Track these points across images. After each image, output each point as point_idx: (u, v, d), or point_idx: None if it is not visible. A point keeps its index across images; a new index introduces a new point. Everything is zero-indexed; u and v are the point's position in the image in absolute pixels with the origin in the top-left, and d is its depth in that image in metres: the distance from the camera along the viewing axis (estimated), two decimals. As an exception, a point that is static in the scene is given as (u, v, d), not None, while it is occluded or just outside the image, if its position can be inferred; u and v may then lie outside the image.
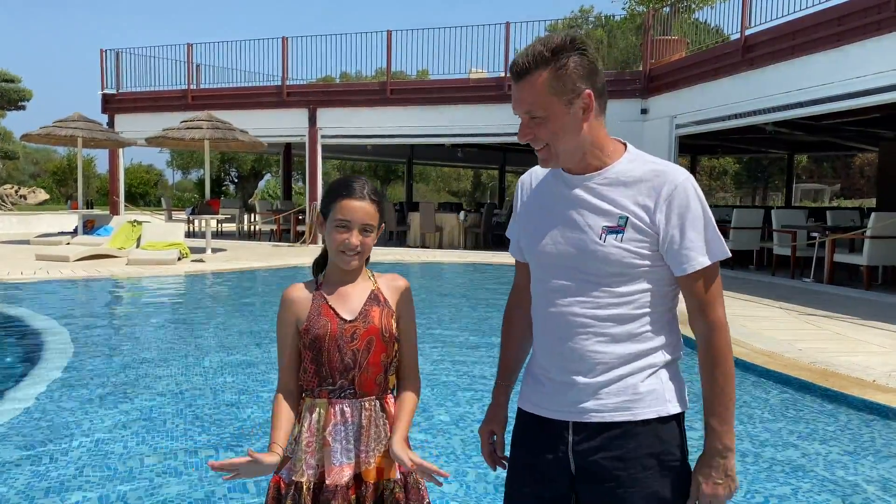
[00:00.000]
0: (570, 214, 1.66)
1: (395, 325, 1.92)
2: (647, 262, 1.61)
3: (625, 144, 1.70)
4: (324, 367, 1.87)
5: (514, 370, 1.92)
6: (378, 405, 1.90)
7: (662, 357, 1.67)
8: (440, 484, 1.80)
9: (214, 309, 8.98)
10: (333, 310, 1.88)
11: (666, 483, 1.64)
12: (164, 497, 3.21)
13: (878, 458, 3.85)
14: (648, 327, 1.64)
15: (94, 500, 3.17)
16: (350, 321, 1.87)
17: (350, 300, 1.91)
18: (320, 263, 1.98)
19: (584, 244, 1.62)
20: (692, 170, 25.83)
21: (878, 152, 20.48)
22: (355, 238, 1.85)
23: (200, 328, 7.28)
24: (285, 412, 1.89)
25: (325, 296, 1.91)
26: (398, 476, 1.90)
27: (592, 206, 1.63)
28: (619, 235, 1.59)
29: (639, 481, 1.62)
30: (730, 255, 1.66)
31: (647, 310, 1.63)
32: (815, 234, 11.31)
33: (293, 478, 1.86)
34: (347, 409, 1.87)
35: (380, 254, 15.04)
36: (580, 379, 1.65)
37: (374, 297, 1.92)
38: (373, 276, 1.98)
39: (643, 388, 1.64)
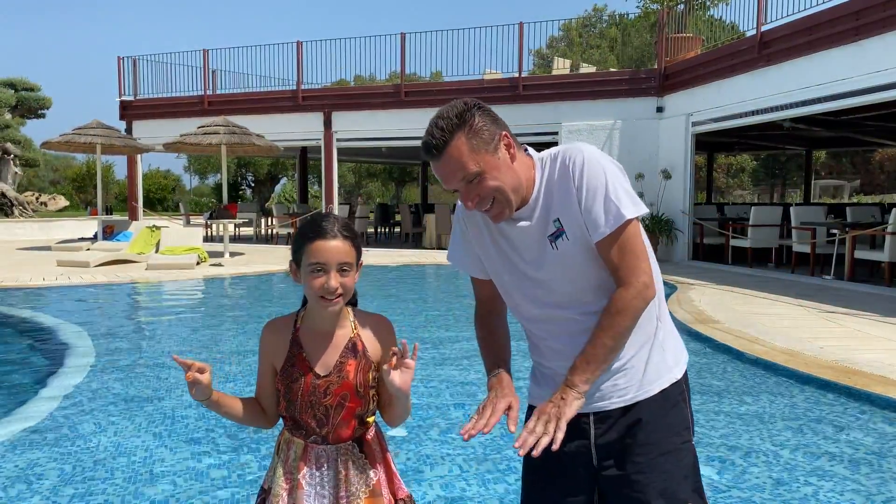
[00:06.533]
0: (517, 245, 1.72)
1: (372, 377, 1.81)
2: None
3: (530, 157, 1.73)
4: (298, 418, 1.81)
5: (509, 357, 1.91)
6: (356, 448, 1.83)
7: (661, 328, 1.75)
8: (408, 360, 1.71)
9: (234, 312, 9.04)
10: (308, 363, 1.79)
11: (682, 459, 1.70)
12: (186, 499, 3.24)
13: (903, 457, 3.79)
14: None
15: (118, 503, 3.20)
16: (324, 376, 1.78)
17: (326, 352, 1.80)
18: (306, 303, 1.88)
19: (543, 261, 1.68)
20: (709, 167, 25.67)
21: (899, 147, 20.24)
22: (334, 280, 1.70)
23: (220, 332, 7.33)
24: (244, 400, 1.85)
25: (302, 344, 1.81)
26: None
27: (534, 228, 1.69)
28: (563, 236, 1.66)
29: (657, 465, 1.68)
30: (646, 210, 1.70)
31: None
32: (834, 231, 11.18)
33: None
34: (323, 455, 1.81)
35: (397, 256, 15.06)
36: None
37: (352, 348, 1.81)
38: (354, 319, 1.85)
39: (651, 363, 1.72)
